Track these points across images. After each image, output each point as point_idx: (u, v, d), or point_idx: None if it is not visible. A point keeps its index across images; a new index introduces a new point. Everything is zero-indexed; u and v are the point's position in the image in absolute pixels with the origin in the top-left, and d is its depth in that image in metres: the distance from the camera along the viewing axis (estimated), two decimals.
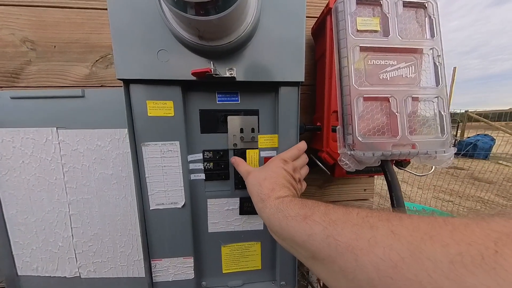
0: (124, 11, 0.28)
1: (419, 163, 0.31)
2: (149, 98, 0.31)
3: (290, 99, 0.34)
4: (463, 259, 0.11)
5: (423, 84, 0.30)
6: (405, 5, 0.29)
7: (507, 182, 2.57)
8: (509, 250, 0.10)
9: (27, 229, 0.41)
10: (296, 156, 0.33)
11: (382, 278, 0.13)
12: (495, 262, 0.10)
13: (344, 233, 0.16)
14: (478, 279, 0.10)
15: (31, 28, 0.39)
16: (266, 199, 0.26)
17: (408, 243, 0.13)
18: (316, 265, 0.19)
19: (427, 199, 2.21)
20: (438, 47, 0.30)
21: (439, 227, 0.13)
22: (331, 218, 0.18)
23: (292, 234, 0.20)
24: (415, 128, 0.29)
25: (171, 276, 0.37)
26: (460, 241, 0.11)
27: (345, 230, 0.16)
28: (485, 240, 0.11)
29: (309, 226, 0.19)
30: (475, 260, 0.10)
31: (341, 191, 0.52)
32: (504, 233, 0.11)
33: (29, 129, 0.38)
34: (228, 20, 0.25)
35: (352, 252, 0.15)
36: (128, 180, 0.40)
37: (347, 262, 0.15)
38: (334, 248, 0.16)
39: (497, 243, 0.10)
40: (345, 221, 0.17)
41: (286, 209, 0.23)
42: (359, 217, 0.17)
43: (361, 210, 0.18)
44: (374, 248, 0.14)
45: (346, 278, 0.15)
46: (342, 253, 0.16)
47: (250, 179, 0.30)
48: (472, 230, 0.12)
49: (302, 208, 0.21)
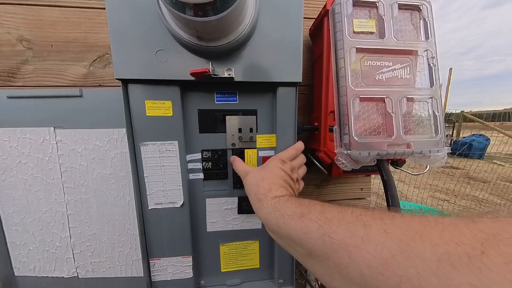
0: (123, 11, 0.28)
1: (414, 162, 0.32)
2: (147, 98, 0.32)
3: (288, 99, 0.35)
4: (451, 258, 0.11)
5: (418, 85, 0.30)
6: (400, 7, 0.30)
7: (501, 181, 2.61)
8: (494, 251, 0.10)
9: (24, 230, 0.41)
10: (293, 156, 0.33)
11: (373, 275, 0.14)
12: (480, 262, 0.10)
13: (338, 231, 0.17)
14: (464, 277, 0.10)
15: (27, 27, 0.39)
16: (263, 198, 0.26)
17: (400, 241, 0.13)
18: (312, 262, 0.19)
19: (424, 198, 2.24)
20: (432, 49, 0.30)
21: (430, 226, 0.13)
22: (326, 216, 0.19)
23: (289, 232, 0.21)
24: (410, 128, 0.30)
25: (169, 275, 0.37)
26: (449, 240, 0.12)
27: (339, 228, 0.17)
28: (472, 240, 0.11)
29: (305, 224, 0.19)
30: (462, 260, 0.11)
31: (338, 190, 0.53)
32: (491, 234, 0.11)
33: (26, 129, 0.38)
34: (226, 21, 0.25)
35: (346, 249, 0.15)
36: (127, 179, 0.40)
37: (341, 259, 0.16)
38: (329, 246, 0.17)
39: (484, 243, 0.11)
40: (340, 219, 0.18)
41: (282, 208, 0.23)
42: (353, 216, 0.17)
43: (355, 209, 0.18)
44: (367, 245, 0.15)
45: (340, 274, 0.16)
46: (337, 250, 0.16)
47: (248, 179, 0.30)
48: (461, 230, 0.12)
49: (298, 207, 0.22)
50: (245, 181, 0.31)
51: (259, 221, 0.39)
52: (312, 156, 0.42)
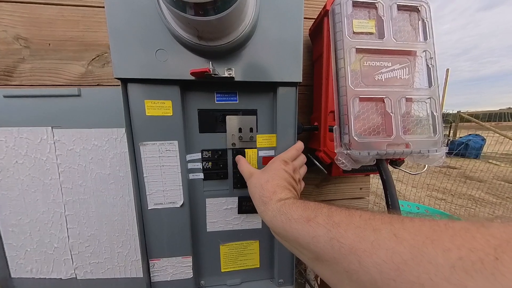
0: (122, 9, 0.28)
1: (413, 162, 0.32)
2: (147, 98, 0.31)
3: (288, 99, 0.35)
4: (464, 264, 0.11)
5: (417, 85, 0.31)
6: (399, 8, 0.30)
7: (496, 180, 2.65)
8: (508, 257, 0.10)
9: (21, 231, 0.40)
10: (295, 156, 0.33)
11: (385, 280, 0.13)
12: (494, 268, 0.10)
13: (347, 235, 0.16)
14: (478, 283, 0.10)
15: (24, 25, 0.38)
16: (268, 201, 0.26)
17: (411, 246, 0.13)
18: (320, 266, 0.19)
19: (421, 197, 2.27)
20: (430, 49, 0.30)
21: (440, 231, 0.13)
22: (334, 220, 0.18)
23: (295, 236, 0.21)
24: (409, 128, 0.30)
25: (169, 275, 0.37)
26: (461, 246, 0.12)
27: (348, 232, 0.17)
28: (485, 246, 0.11)
29: (313, 229, 0.19)
30: (475, 266, 0.11)
31: (337, 190, 0.53)
32: (504, 240, 0.11)
33: (23, 129, 0.37)
34: (227, 20, 0.25)
35: (355, 254, 0.15)
36: (126, 180, 0.40)
37: (351, 264, 0.15)
38: (338, 250, 0.16)
39: (497, 249, 0.11)
40: (348, 223, 0.17)
41: (288, 211, 0.23)
42: (362, 220, 0.17)
43: (363, 212, 0.18)
44: (377, 250, 0.14)
45: (350, 280, 0.16)
46: (346, 255, 0.16)
47: (252, 181, 0.30)
48: (473, 235, 0.12)
49: (304, 210, 0.22)
50: (249, 183, 0.31)
51: (259, 221, 0.40)
52: (312, 156, 0.42)
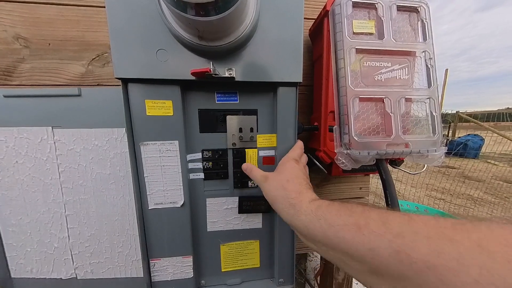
0: (123, 9, 0.28)
1: (412, 161, 0.32)
2: (147, 98, 0.31)
3: (288, 99, 0.35)
4: None
5: (416, 85, 0.31)
6: (399, 9, 0.30)
7: (495, 180, 2.66)
8: None
9: (21, 231, 0.40)
10: (301, 155, 0.34)
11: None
12: None
13: (418, 248, 0.14)
14: None
15: (23, 25, 0.38)
16: (298, 203, 0.24)
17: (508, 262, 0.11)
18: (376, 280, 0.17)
19: (420, 197, 2.28)
20: (430, 50, 0.31)
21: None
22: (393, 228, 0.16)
23: (342, 247, 0.18)
24: (408, 128, 0.30)
25: (170, 275, 0.37)
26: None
27: (416, 243, 0.15)
28: None
29: (368, 239, 0.17)
30: None
31: (337, 190, 0.53)
32: None
33: (23, 128, 0.37)
34: (228, 20, 0.25)
35: (434, 271, 0.13)
36: (126, 179, 0.40)
37: (428, 282, 0.14)
38: (409, 266, 0.14)
39: None
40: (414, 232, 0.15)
41: (328, 216, 0.21)
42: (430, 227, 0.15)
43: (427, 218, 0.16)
44: (466, 268, 0.12)
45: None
46: (419, 271, 0.14)
47: (270, 183, 0.28)
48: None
49: (350, 215, 0.19)
50: (265, 186, 0.29)
51: (260, 221, 0.40)
52: (312, 156, 0.42)
